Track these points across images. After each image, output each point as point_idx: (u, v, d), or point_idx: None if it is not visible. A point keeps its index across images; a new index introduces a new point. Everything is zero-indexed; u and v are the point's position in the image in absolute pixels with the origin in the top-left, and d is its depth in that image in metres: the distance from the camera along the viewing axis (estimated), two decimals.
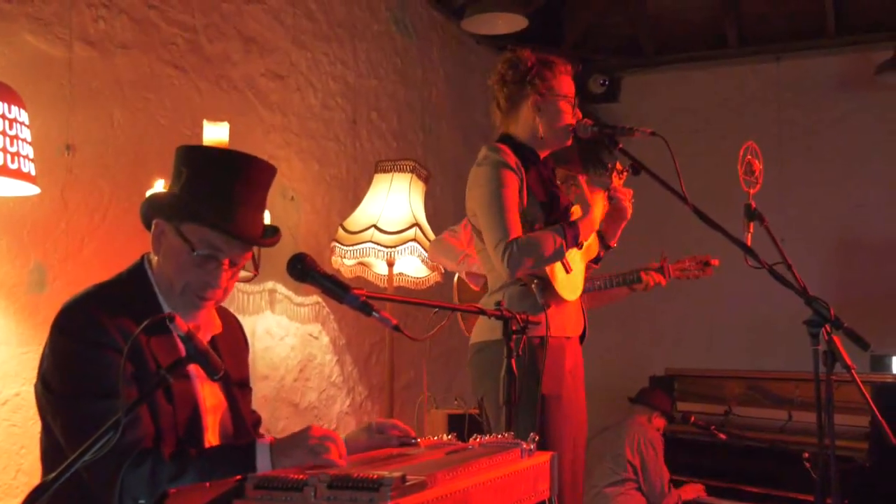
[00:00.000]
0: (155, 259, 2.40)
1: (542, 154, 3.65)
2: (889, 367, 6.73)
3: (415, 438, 2.35)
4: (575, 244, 3.43)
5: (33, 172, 3.11)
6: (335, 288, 2.25)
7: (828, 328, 2.82)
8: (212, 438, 2.39)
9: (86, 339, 2.20)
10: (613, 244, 3.78)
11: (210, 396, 2.41)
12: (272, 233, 2.49)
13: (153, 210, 2.40)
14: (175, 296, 2.36)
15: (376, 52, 6.00)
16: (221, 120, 3.94)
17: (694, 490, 5.77)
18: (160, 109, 4.30)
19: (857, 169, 7.39)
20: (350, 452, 2.27)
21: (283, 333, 5.02)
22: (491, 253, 3.40)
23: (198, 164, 2.38)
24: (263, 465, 2.17)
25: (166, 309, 2.35)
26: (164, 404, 2.24)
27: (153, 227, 2.38)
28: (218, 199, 2.33)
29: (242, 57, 4.84)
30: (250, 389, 2.68)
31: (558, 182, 3.78)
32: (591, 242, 3.66)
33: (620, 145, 3.49)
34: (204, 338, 2.44)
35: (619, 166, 3.76)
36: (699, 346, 7.61)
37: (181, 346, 2.15)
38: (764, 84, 7.76)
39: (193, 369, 2.31)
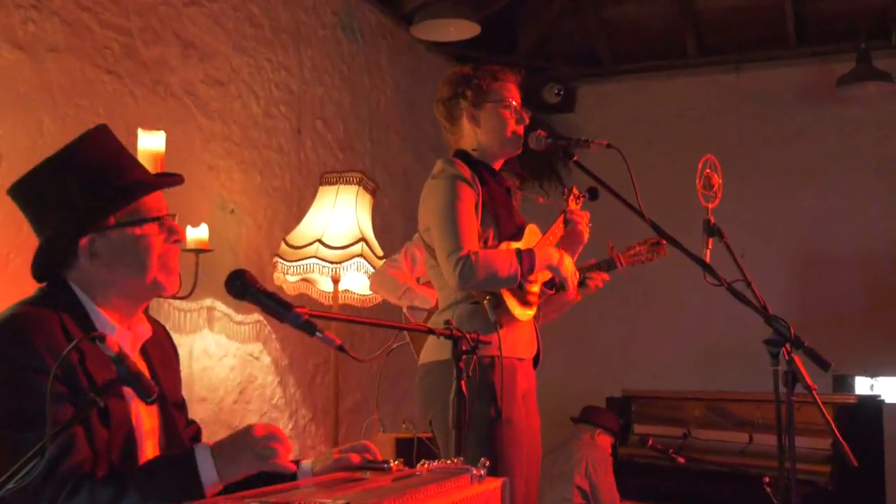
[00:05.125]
0: (89, 275, 2.36)
1: (496, 166, 3.66)
2: (851, 387, 6.83)
3: (386, 462, 2.34)
4: (529, 273, 3.43)
5: None
6: (276, 306, 2.24)
7: (788, 348, 2.86)
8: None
9: (12, 363, 2.16)
10: None
11: (147, 419, 2.39)
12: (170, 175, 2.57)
13: (71, 236, 2.34)
14: (148, 280, 2.38)
15: (322, 58, 5.99)
16: (158, 128, 3.91)
17: None
18: (93, 117, 4.25)
19: (818, 182, 7.50)
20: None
21: (221, 353, 4.98)
22: (442, 263, 3.39)
23: (71, 168, 2.38)
24: (207, 471, 2.15)
25: (97, 322, 2.33)
26: (98, 427, 2.20)
27: (81, 247, 2.33)
28: (122, 174, 2.39)
29: (180, 62, 4.81)
30: (184, 401, 2.65)
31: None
32: None
33: (575, 157, 3.51)
34: (137, 342, 2.45)
35: (575, 191, 3.80)
36: (652, 366, 7.64)
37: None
38: (724, 95, 7.85)
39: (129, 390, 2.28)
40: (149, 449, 2.37)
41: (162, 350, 2.59)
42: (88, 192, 2.35)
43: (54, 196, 2.36)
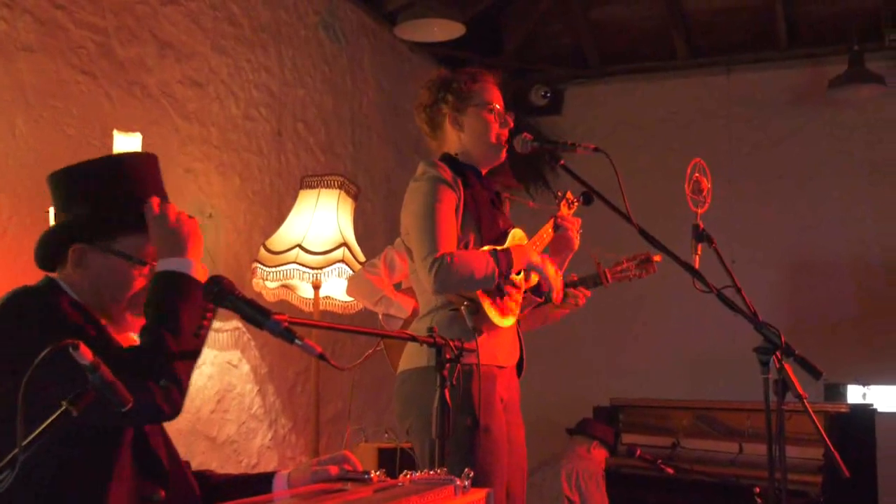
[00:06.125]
0: (73, 279, 2.43)
1: (483, 170, 3.66)
2: (843, 396, 6.84)
3: (367, 473, 2.35)
4: (508, 273, 3.43)
5: None
6: (255, 313, 2.23)
7: (779, 355, 2.87)
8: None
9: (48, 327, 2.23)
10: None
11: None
12: None
13: (69, 238, 2.44)
14: (119, 310, 2.46)
15: (303, 59, 5.98)
16: (134, 130, 3.90)
17: None
18: (67, 118, 4.24)
19: (810, 187, 7.52)
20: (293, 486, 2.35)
21: (199, 361, 4.95)
22: (419, 267, 3.39)
23: (98, 178, 2.48)
24: (178, 264, 2.38)
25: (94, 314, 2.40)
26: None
27: (71, 252, 2.42)
28: (137, 206, 2.45)
29: (157, 62, 4.80)
30: None
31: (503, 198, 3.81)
32: None
33: (562, 161, 3.51)
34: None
35: (569, 195, 3.80)
36: (640, 374, 7.64)
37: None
38: (713, 97, 7.87)
39: None
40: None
41: None
42: (100, 205, 2.44)
43: (74, 196, 2.47)
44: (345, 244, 4.88)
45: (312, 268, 4.80)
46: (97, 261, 2.43)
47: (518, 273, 3.56)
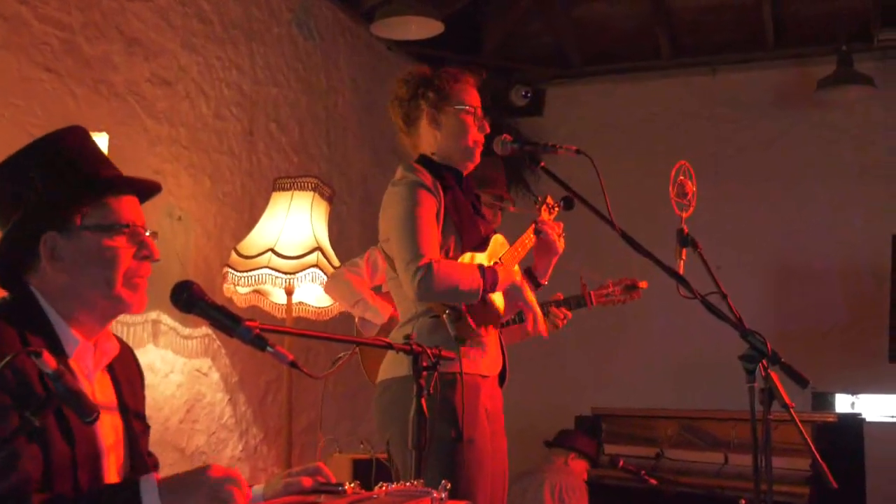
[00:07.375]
0: (49, 282, 2.33)
1: (464, 172, 3.66)
2: (831, 405, 6.88)
3: (341, 485, 2.33)
4: (491, 290, 3.44)
5: None
6: (225, 319, 2.22)
7: (765, 364, 2.87)
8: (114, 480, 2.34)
9: None
10: (544, 282, 3.82)
11: (110, 434, 2.36)
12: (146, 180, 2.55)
13: (34, 230, 2.32)
14: (114, 295, 2.33)
15: (276, 56, 5.97)
16: (100, 130, 3.88)
17: None
18: (30, 117, 4.22)
19: (797, 190, 7.54)
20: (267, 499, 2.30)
21: (167, 369, 4.95)
22: (401, 273, 3.39)
23: (44, 160, 2.37)
24: None
25: (62, 336, 2.30)
26: (59, 442, 2.16)
27: (42, 246, 2.31)
28: (91, 171, 2.37)
29: (125, 60, 4.78)
30: (148, 427, 2.62)
31: (484, 205, 3.81)
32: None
33: (543, 163, 3.52)
34: (102, 359, 2.41)
35: (549, 200, 3.81)
36: (624, 383, 7.65)
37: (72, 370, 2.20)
38: (698, 98, 7.89)
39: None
40: (111, 465, 2.34)
41: (129, 370, 2.56)
42: (52, 184, 2.32)
43: (18, 189, 2.34)
44: (319, 248, 4.87)
45: (285, 273, 4.79)
46: (74, 247, 2.31)
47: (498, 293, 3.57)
